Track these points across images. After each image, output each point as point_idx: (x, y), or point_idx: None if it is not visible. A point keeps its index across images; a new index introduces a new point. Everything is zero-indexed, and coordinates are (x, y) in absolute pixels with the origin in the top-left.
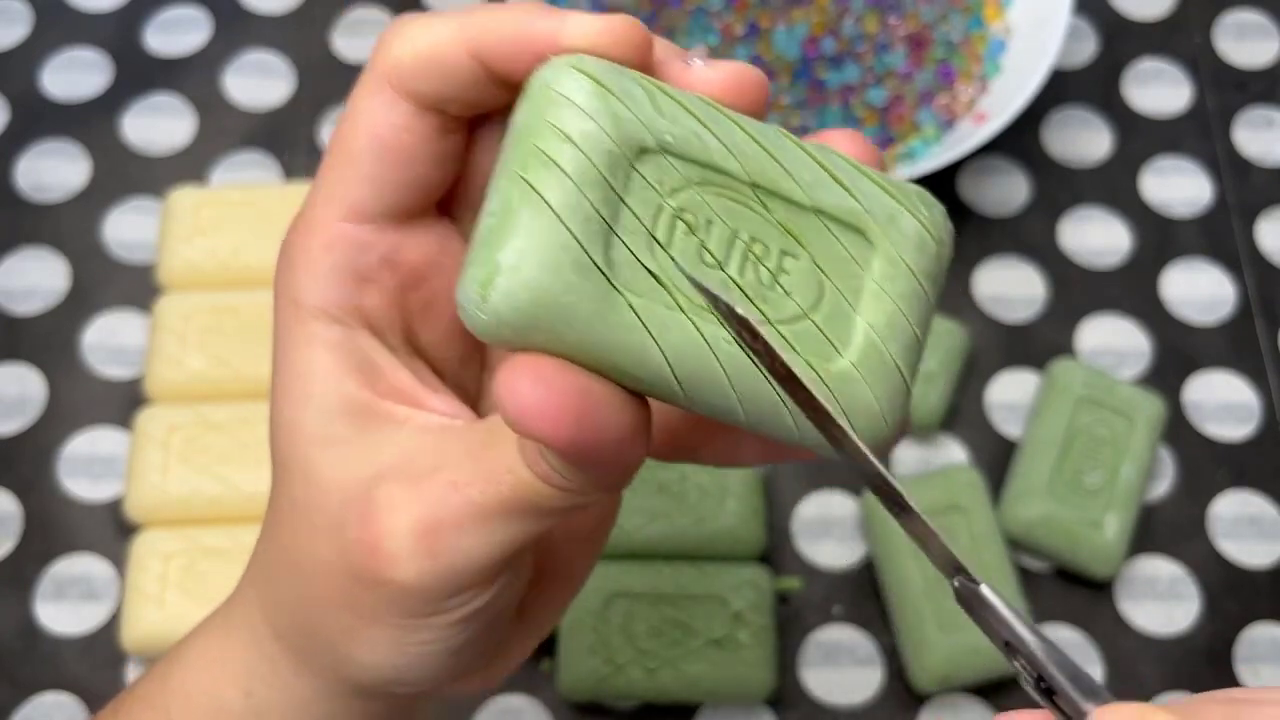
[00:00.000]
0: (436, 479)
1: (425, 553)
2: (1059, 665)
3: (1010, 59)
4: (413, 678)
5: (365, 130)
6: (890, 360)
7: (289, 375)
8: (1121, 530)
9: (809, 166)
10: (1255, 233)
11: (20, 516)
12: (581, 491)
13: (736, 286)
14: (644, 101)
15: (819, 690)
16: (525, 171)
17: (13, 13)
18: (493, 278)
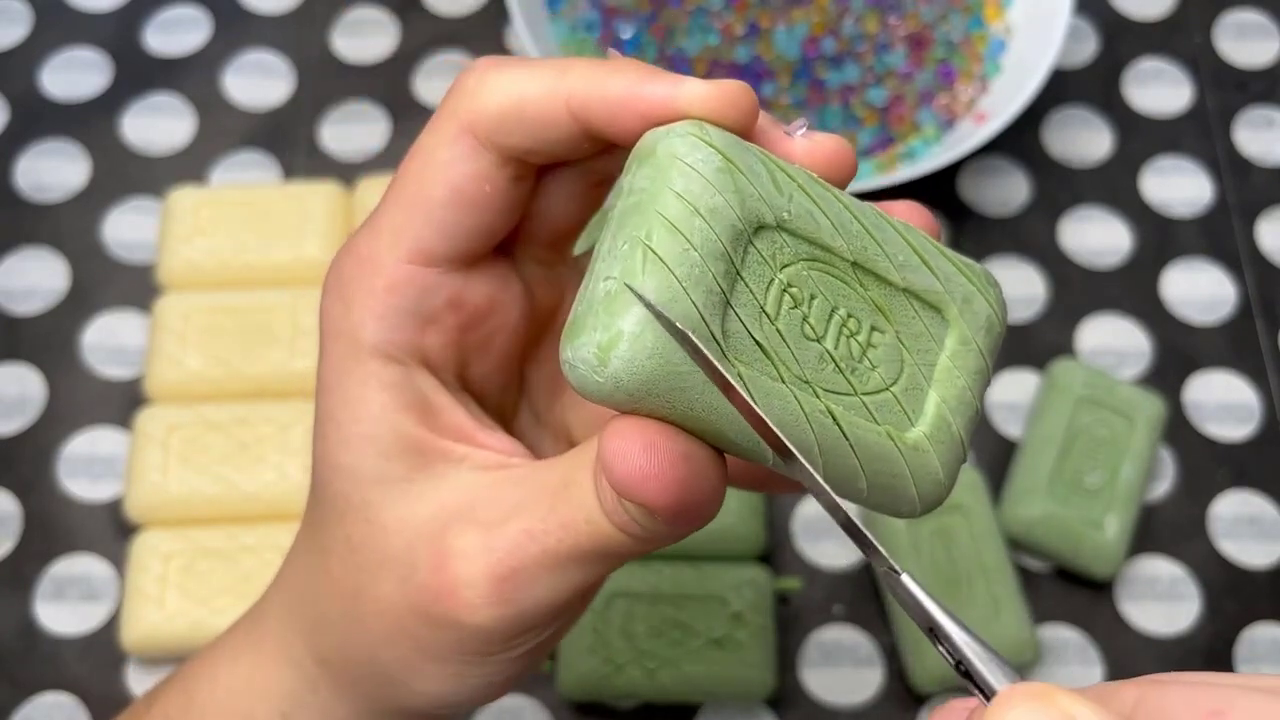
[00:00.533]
0: (511, 526)
1: (500, 600)
2: (974, 650)
3: (1010, 59)
4: (465, 703)
5: (443, 179)
6: (956, 433)
7: (344, 415)
8: (1121, 530)
9: (902, 248)
10: (1255, 233)
11: (20, 516)
12: (657, 539)
13: (831, 358)
14: (765, 178)
15: (819, 690)
16: (650, 241)
17: (13, 13)
18: (615, 344)
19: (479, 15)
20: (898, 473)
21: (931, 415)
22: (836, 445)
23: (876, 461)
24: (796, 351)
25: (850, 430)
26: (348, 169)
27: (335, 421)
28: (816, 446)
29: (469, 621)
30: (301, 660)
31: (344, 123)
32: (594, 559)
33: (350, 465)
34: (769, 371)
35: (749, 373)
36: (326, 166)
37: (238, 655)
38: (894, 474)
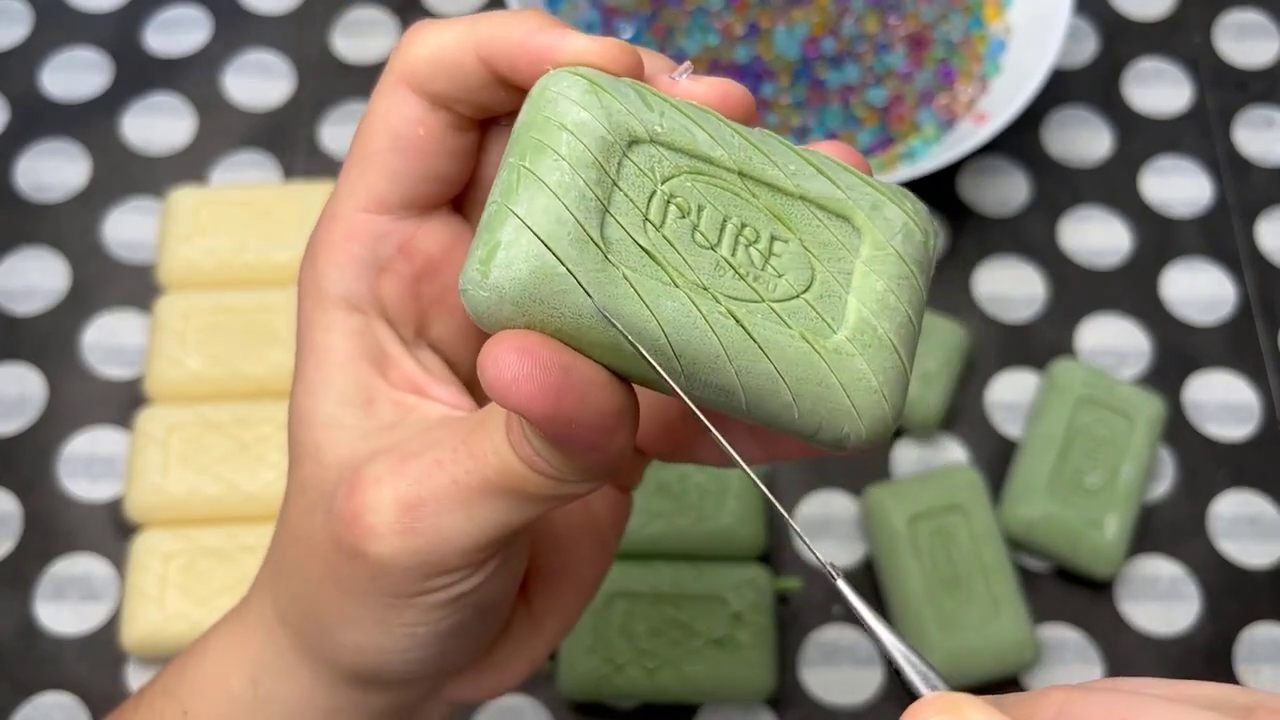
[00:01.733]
0: (424, 456)
1: (404, 529)
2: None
3: (1010, 59)
4: (401, 664)
5: (382, 126)
6: (885, 337)
7: (309, 362)
8: (1121, 530)
9: (793, 159)
10: (1255, 233)
11: (20, 516)
12: (565, 478)
13: (729, 265)
14: (635, 99)
15: (819, 690)
16: (523, 159)
17: (13, 13)
18: (494, 254)
19: None
20: (823, 380)
21: (852, 320)
22: (745, 349)
23: (796, 368)
24: (689, 258)
25: (758, 332)
26: None
27: (301, 370)
28: (723, 352)
29: (375, 551)
30: (270, 623)
31: (344, 123)
32: (502, 496)
33: (308, 410)
34: (659, 276)
35: (636, 276)
36: (326, 166)
37: (226, 628)
38: (819, 382)
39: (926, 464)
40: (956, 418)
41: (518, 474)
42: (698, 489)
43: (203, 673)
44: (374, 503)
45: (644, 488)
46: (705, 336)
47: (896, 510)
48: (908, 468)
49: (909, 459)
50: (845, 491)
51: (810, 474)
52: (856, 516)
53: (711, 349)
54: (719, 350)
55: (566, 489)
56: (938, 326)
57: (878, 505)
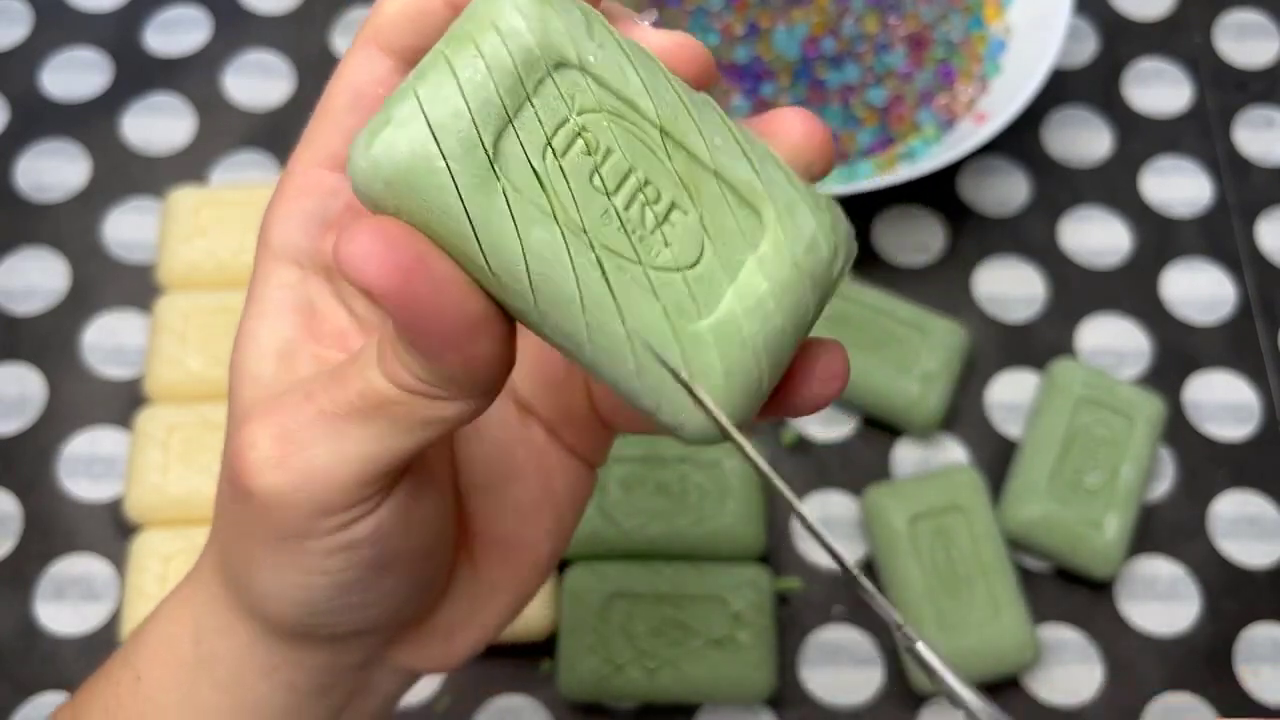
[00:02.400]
0: (295, 392)
1: (277, 462)
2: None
3: (1010, 59)
4: (305, 615)
5: (344, 84)
6: (748, 338)
7: (245, 314)
8: (1121, 530)
9: (723, 134)
10: (1255, 233)
11: (20, 516)
12: (431, 392)
13: (617, 216)
14: (580, 22)
15: (819, 690)
16: (445, 47)
17: (13, 13)
18: (382, 128)
19: None
20: (671, 362)
21: (722, 312)
22: (602, 304)
23: (647, 340)
24: (579, 196)
25: (621, 292)
26: None
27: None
28: (579, 300)
29: (254, 486)
30: (211, 582)
31: None
32: (368, 420)
33: (236, 362)
34: (540, 203)
35: (516, 196)
36: None
37: (175, 592)
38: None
39: (926, 464)
40: (956, 418)
41: (381, 393)
42: (698, 489)
43: (153, 637)
44: (251, 438)
45: (644, 488)
46: (565, 277)
47: (896, 510)
48: (908, 468)
49: (909, 459)
50: (845, 491)
51: (810, 474)
52: (856, 516)
53: (568, 292)
54: (575, 296)
55: (434, 410)
56: (938, 326)
57: (878, 505)
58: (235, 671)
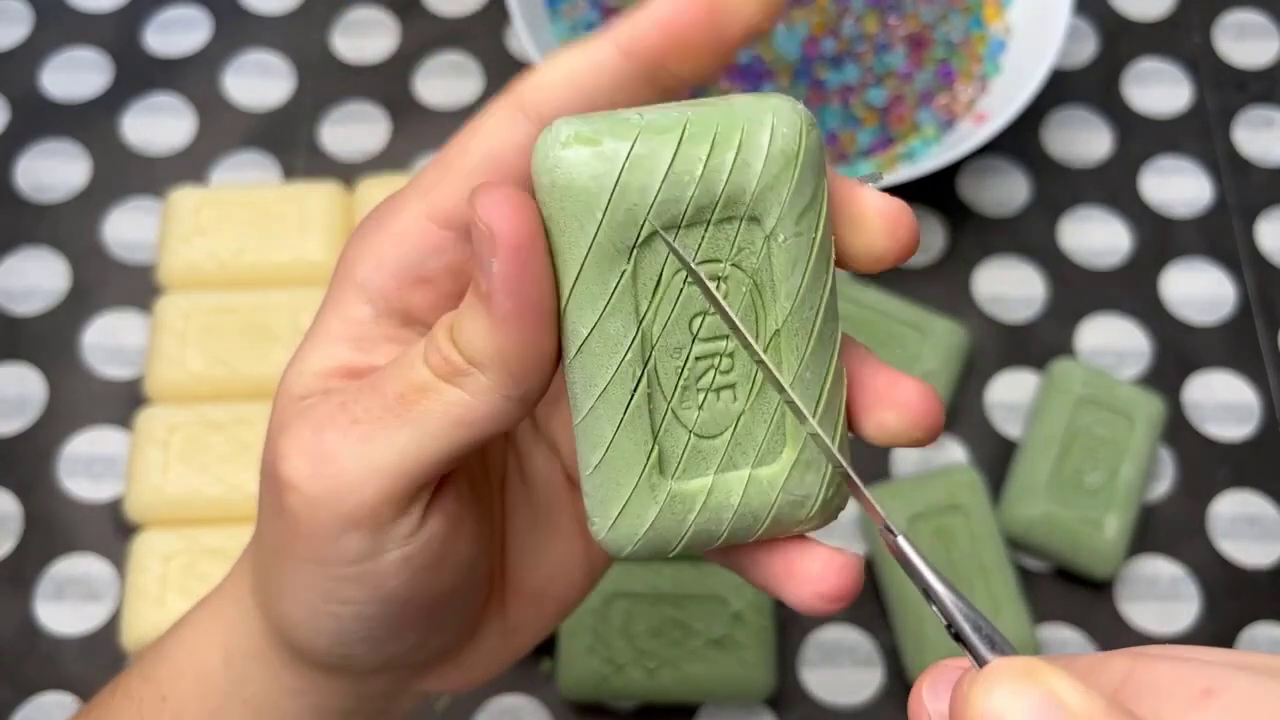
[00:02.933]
0: (329, 401)
1: (310, 473)
2: (966, 616)
3: (1010, 59)
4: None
5: (480, 142)
6: (686, 526)
7: (306, 337)
8: (1121, 530)
9: (818, 373)
10: (1255, 233)
11: (20, 516)
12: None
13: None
14: (806, 201)
15: (819, 690)
16: (692, 122)
17: (13, 13)
18: (588, 143)
19: (479, 15)
20: (621, 484)
21: (690, 489)
22: (614, 404)
23: (621, 455)
24: (672, 322)
25: (633, 410)
26: (348, 169)
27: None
28: (601, 390)
29: (291, 503)
30: (245, 602)
31: (344, 123)
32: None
33: (283, 386)
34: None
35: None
36: (326, 166)
37: (202, 609)
38: (618, 483)
39: (926, 464)
40: (956, 418)
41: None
42: None
43: (180, 655)
44: (285, 450)
45: None
46: (605, 368)
47: (896, 510)
48: (908, 468)
49: (909, 459)
50: None
51: None
52: (856, 516)
53: (598, 378)
54: (600, 385)
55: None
56: (938, 326)
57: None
58: (264, 693)
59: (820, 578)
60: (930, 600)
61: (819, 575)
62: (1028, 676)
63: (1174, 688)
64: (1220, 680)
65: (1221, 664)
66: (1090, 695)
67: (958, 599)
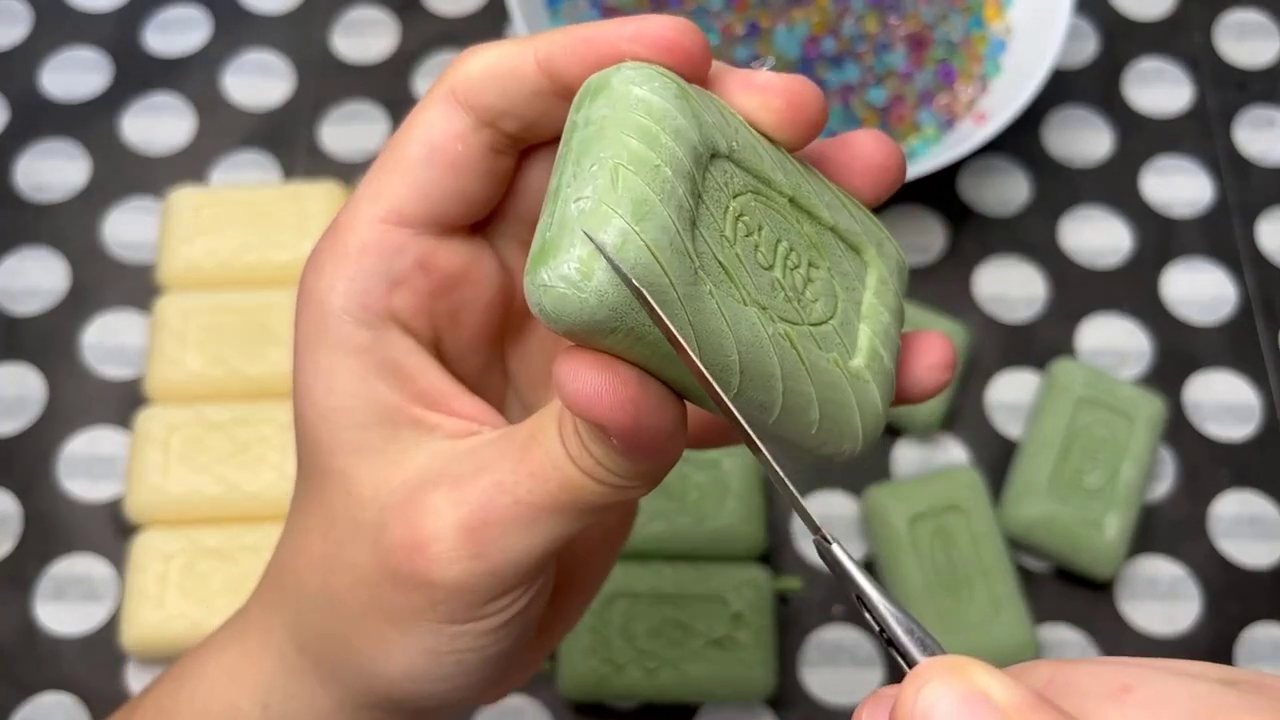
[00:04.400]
0: (481, 480)
1: (472, 554)
2: (897, 620)
3: (1010, 59)
4: (443, 690)
5: (420, 136)
6: (888, 365)
7: (318, 386)
8: (1121, 530)
9: (826, 191)
10: (1256, 233)
11: (20, 516)
12: (624, 485)
13: (781, 287)
14: (714, 109)
15: (819, 690)
16: (621, 159)
17: (13, 13)
18: (596, 255)
19: (479, 15)
20: (845, 401)
21: (865, 348)
22: (795, 371)
23: (829, 390)
24: (753, 277)
25: (806, 356)
26: (348, 169)
27: (310, 393)
28: (779, 373)
29: (440, 578)
30: (283, 648)
31: (344, 123)
32: (563, 508)
33: (327, 439)
34: (734, 294)
35: (718, 293)
36: (326, 166)
37: (225, 646)
38: (842, 403)
39: (926, 464)
40: (956, 418)
41: (579, 485)
42: (698, 489)
43: (203, 693)
44: (437, 531)
45: None
46: (768, 357)
47: (896, 510)
48: (908, 468)
49: (909, 459)
50: (845, 491)
51: (810, 474)
52: (856, 516)
53: (770, 369)
54: (776, 371)
55: (623, 495)
56: (937, 327)
57: (878, 505)
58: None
59: (928, 349)
60: (863, 606)
61: (925, 347)
62: (954, 672)
63: (1094, 685)
64: (1138, 677)
65: (1140, 665)
66: (1016, 688)
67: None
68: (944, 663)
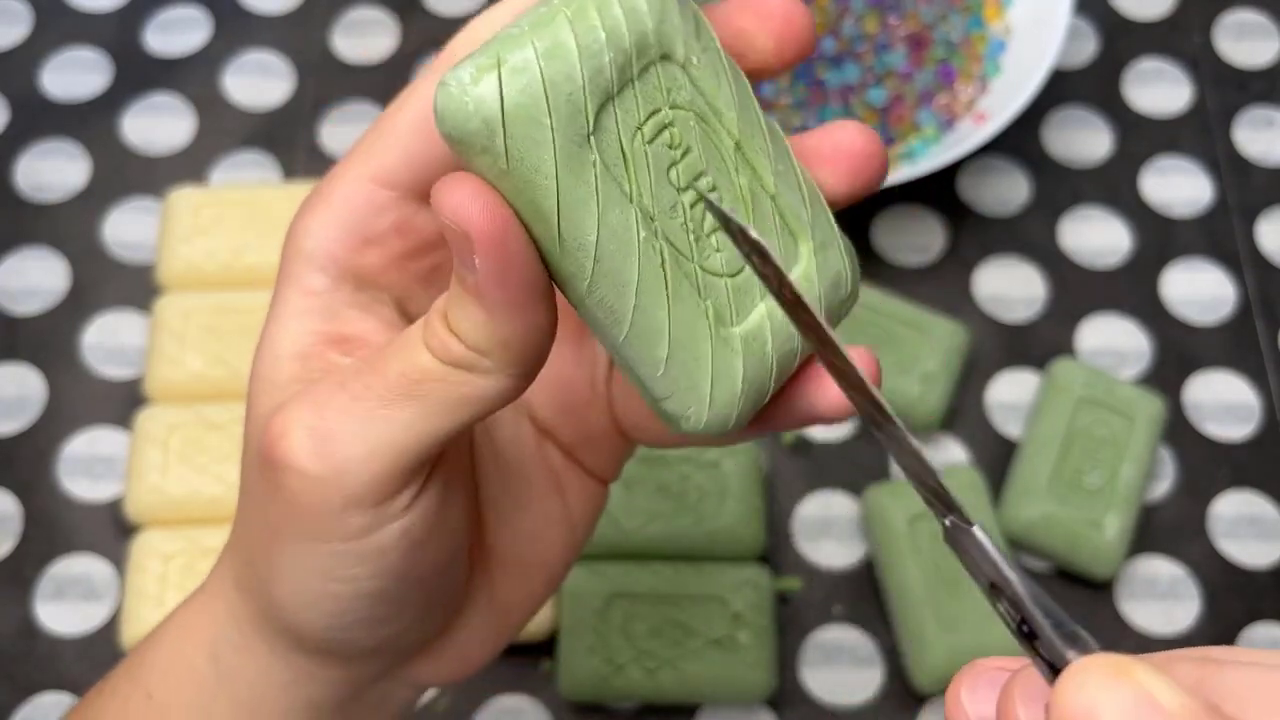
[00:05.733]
0: (328, 380)
1: (311, 452)
2: (1044, 610)
3: (1010, 59)
4: (337, 625)
5: (416, 104)
6: (769, 355)
7: (269, 317)
8: (1121, 530)
9: (786, 162)
10: (1255, 233)
11: (20, 516)
12: (476, 364)
13: (683, 212)
14: (691, 21)
15: (819, 690)
16: (566, 7)
17: (13, 13)
18: (492, 68)
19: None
20: (700, 356)
21: (752, 323)
22: (654, 290)
23: (685, 332)
24: (655, 185)
25: (674, 284)
26: None
27: (264, 329)
28: (635, 283)
29: (290, 483)
30: (230, 595)
31: (344, 123)
32: (406, 400)
33: (258, 371)
34: (621, 184)
35: (603, 172)
36: (326, 166)
37: (186, 606)
38: (696, 357)
39: None
40: (956, 418)
41: (423, 368)
42: (697, 489)
43: (165, 653)
44: (282, 428)
45: (644, 488)
46: (629, 260)
47: (896, 510)
48: None
49: None
50: (845, 491)
51: (810, 474)
52: (856, 516)
53: (627, 275)
54: (633, 280)
55: (474, 386)
56: (938, 326)
57: (878, 505)
58: (254, 688)
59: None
60: (996, 596)
61: None
62: (1119, 673)
63: (1254, 694)
64: None
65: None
66: (1186, 696)
67: (1037, 592)
68: (1106, 662)
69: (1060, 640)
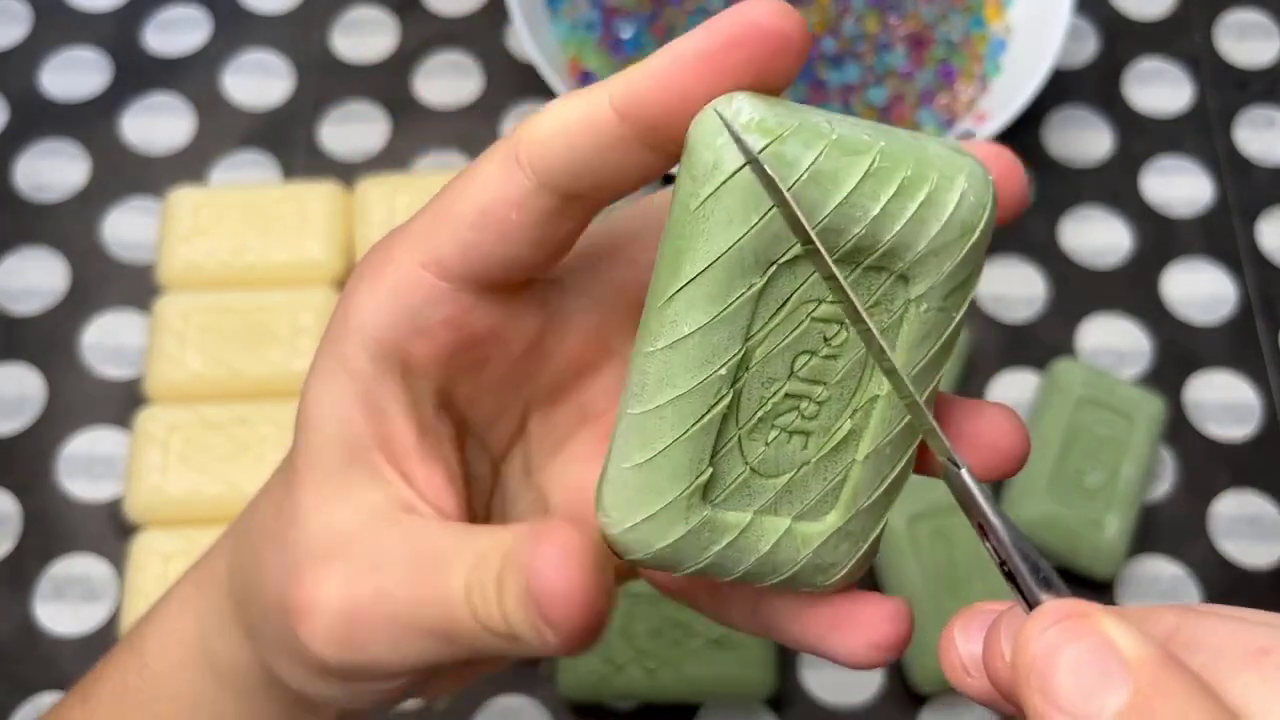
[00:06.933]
0: (373, 579)
1: (340, 642)
2: (1022, 553)
3: (1010, 59)
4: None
5: (475, 192)
6: (701, 550)
7: (313, 384)
8: (1121, 530)
9: (899, 453)
10: (1256, 232)
11: (20, 516)
12: (511, 644)
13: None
14: (960, 282)
15: (819, 690)
16: (889, 159)
17: (13, 13)
18: (769, 134)
19: (479, 15)
20: (661, 492)
21: (730, 521)
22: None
23: (672, 464)
24: (776, 352)
25: (703, 426)
26: (348, 169)
27: (307, 389)
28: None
29: (310, 648)
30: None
31: (344, 123)
32: (436, 639)
33: (301, 438)
34: (754, 322)
35: (751, 298)
36: (326, 166)
37: (185, 581)
38: (659, 490)
39: None
40: None
41: (460, 625)
42: None
43: (161, 625)
44: (317, 604)
45: None
46: (693, 373)
47: (896, 510)
48: None
49: None
50: None
51: None
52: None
53: (682, 381)
54: (682, 389)
55: (502, 651)
56: None
57: None
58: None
59: (873, 625)
60: (985, 536)
61: (871, 623)
62: (1082, 618)
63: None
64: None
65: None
66: (1145, 642)
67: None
68: (1070, 606)
69: (1035, 583)
